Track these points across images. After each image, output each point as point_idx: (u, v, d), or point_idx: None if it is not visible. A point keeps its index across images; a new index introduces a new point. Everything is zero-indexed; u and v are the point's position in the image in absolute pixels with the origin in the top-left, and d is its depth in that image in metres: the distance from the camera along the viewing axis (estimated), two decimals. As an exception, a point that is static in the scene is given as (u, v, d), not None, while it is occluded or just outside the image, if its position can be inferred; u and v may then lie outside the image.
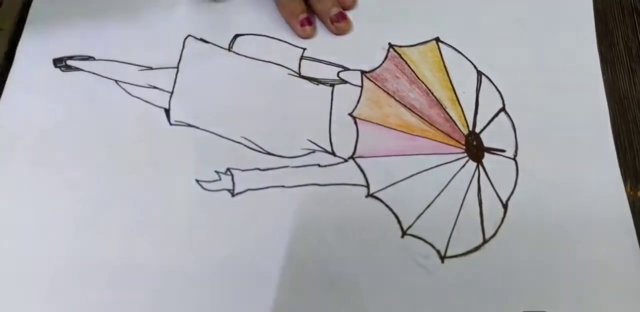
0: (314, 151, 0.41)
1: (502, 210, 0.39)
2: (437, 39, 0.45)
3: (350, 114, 0.42)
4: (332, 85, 0.43)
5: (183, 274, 0.36)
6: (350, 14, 0.46)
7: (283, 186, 0.39)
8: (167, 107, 0.42)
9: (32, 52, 0.43)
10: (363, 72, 0.44)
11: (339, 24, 0.45)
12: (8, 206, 0.38)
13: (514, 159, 0.41)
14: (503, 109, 0.43)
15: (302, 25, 0.45)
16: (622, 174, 0.41)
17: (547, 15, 0.47)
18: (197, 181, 0.39)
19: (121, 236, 0.37)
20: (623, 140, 0.42)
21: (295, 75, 0.44)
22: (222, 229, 0.38)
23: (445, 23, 0.46)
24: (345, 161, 0.41)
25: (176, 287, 0.36)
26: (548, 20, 0.47)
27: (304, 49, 0.45)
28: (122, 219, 0.38)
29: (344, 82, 0.43)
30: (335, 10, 0.45)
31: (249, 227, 0.38)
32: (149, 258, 0.37)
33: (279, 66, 0.44)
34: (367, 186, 0.40)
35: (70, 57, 0.43)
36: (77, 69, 0.43)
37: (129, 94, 0.42)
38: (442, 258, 0.38)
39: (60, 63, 0.43)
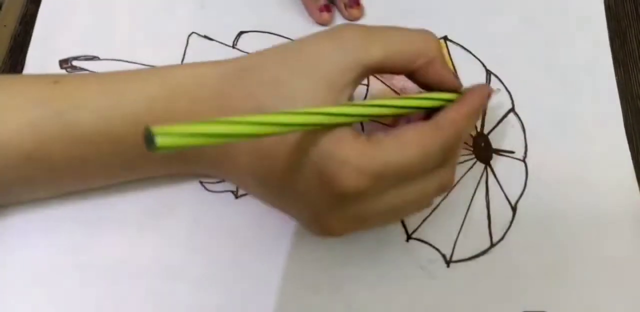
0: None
1: (510, 213, 0.39)
2: (445, 38, 0.44)
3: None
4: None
5: (184, 276, 0.36)
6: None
7: (287, 188, 0.39)
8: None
9: (40, 55, 0.43)
10: (369, 70, 0.43)
11: (352, 10, 0.45)
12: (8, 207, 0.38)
13: (523, 160, 0.40)
14: (512, 110, 0.42)
15: (320, 11, 0.44)
16: (635, 176, 0.40)
17: (557, 13, 0.46)
18: (201, 181, 0.39)
19: (122, 236, 0.37)
20: (636, 141, 0.41)
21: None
22: (225, 231, 0.37)
23: (453, 21, 0.45)
24: (351, 162, 0.40)
25: (177, 289, 0.36)
26: (558, 19, 0.46)
27: None
28: (123, 220, 0.37)
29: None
30: None
31: (251, 229, 0.37)
32: (150, 259, 0.36)
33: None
34: (373, 188, 0.39)
35: (76, 58, 0.43)
36: (82, 69, 0.42)
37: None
38: (448, 263, 0.37)
39: (66, 64, 0.43)
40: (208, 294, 0.36)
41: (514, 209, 0.39)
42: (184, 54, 0.43)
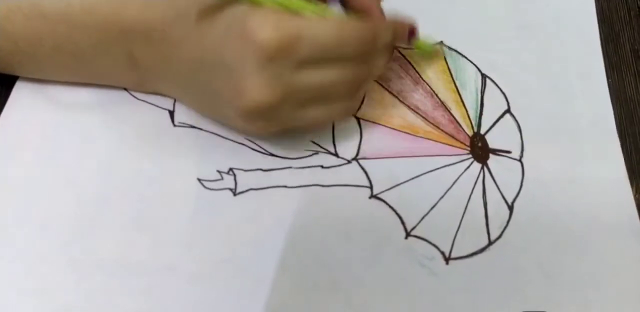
0: (317, 152, 0.40)
1: (507, 211, 0.39)
2: (441, 43, 0.45)
3: (353, 115, 0.42)
4: (335, 85, 0.43)
5: (182, 273, 0.36)
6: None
7: (285, 186, 0.39)
8: (171, 109, 0.41)
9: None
10: (366, 72, 0.43)
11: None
12: (8, 204, 0.37)
13: (519, 160, 0.41)
14: (508, 111, 0.43)
15: None
16: (627, 176, 0.41)
17: (551, 18, 0.47)
18: (199, 179, 0.39)
19: (121, 233, 0.37)
20: (629, 144, 0.42)
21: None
22: (223, 228, 0.37)
23: (449, 27, 0.46)
24: (349, 162, 0.40)
25: (175, 286, 0.35)
26: (551, 23, 0.47)
27: None
28: (122, 217, 0.37)
29: (347, 81, 0.43)
30: None
31: (250, 226, 0.37)
32: (149, 256, 0.36)
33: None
34: (371, 187, 0.39)
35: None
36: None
37: (135, 97, 0.41)
38: (447, 260, 0.37)
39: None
40: (205, 292, 0.35)
41: (510, 208, 0.39)
42: None
